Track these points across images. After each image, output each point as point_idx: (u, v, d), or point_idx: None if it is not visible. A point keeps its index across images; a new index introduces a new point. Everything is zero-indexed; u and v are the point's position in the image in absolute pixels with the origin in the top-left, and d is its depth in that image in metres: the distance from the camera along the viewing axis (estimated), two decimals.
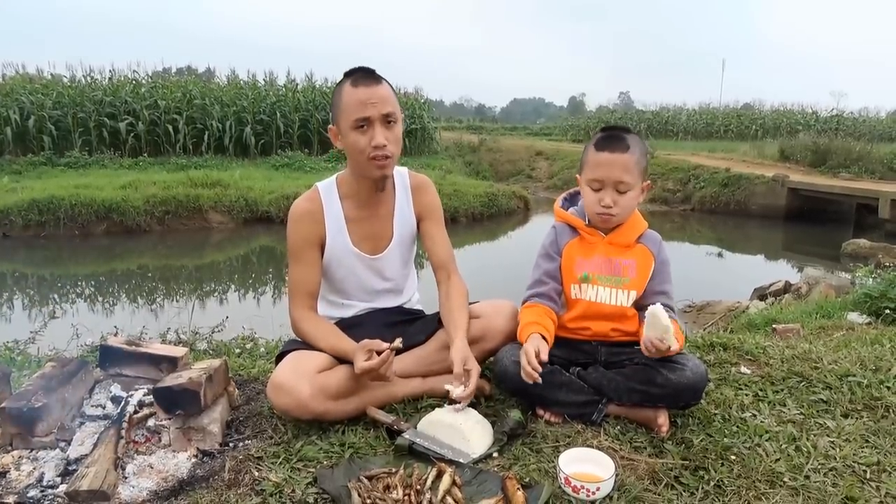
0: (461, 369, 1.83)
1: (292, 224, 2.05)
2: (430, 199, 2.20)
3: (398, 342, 1.83)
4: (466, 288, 2.14)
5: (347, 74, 1.96)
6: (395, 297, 2.22)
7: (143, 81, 17.66)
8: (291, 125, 17.44)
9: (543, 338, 1.87)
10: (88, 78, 17.45)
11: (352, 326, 2.11)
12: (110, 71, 17.86)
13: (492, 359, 2.06)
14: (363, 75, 1.93)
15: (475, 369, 1.85)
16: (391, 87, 1.98)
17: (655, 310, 1.74)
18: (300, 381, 1.78)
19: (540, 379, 1.76)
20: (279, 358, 1.97)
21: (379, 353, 1.81)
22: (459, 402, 1.82)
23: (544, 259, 2.05)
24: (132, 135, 15.82)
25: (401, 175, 2.16)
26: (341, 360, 1.94)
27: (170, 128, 16.11)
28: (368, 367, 1.78)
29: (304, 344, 2.03)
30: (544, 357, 1.78)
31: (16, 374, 2.29)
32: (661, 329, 1.73)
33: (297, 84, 19.20)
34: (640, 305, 1.98)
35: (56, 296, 7.50)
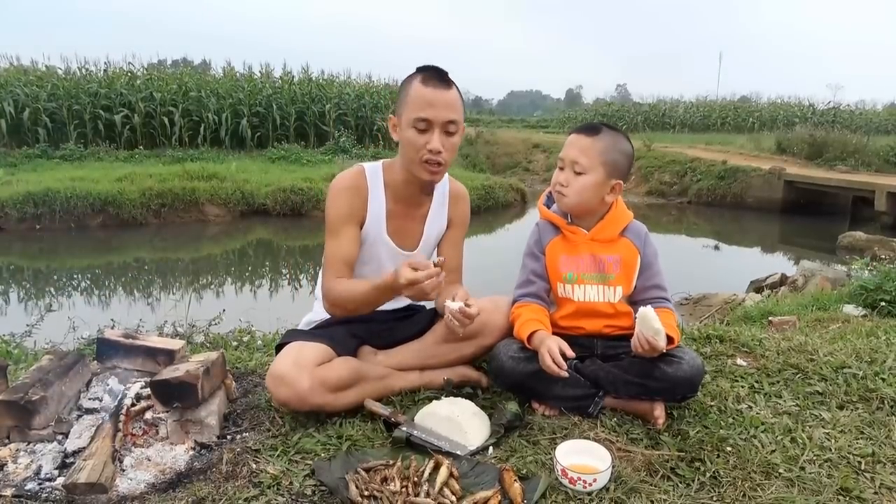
0: (465, 295, 1.89)
1: (336, 196, 1.98)
2: (464, 209, 2.19)
3: (441, 259, 1.80)
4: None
5: (420, 70, 1.92)
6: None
7: (139, 73, 17.54)
8: (288, 118, 17.36)
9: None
10: (83, 70, 17.31)
11: (358, 319, 2.08)
12: (105, 63, 17.73)
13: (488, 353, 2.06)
14: (436, 75, 1.88)
15: (476, 304, 1.87)
16: (460, 94, 1.95)
17: (646, 312, 1.75)
18: (300, 373, 1.77)
19: (566, 374, 1.77)
20: (278, 349, 1.97)
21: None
22: (451, 312, 1.83)
23: (530, 258, 2.05)
24: (128, 127, 15.74)
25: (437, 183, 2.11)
26: (337, 351, 1.93)
27: (165, 120, 16.03)
28: (414, 277, 1.69)
29: (303, 334, 2.03)
30: (570, 353, 1.79)
31: (13, 367, 2.29)
32: (652, 331, 1.74)
33: (293, 76, 19.11)
34: (634, 301, 1.99)
35: (52, 289, 7.49)
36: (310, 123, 17.62)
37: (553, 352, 1.77)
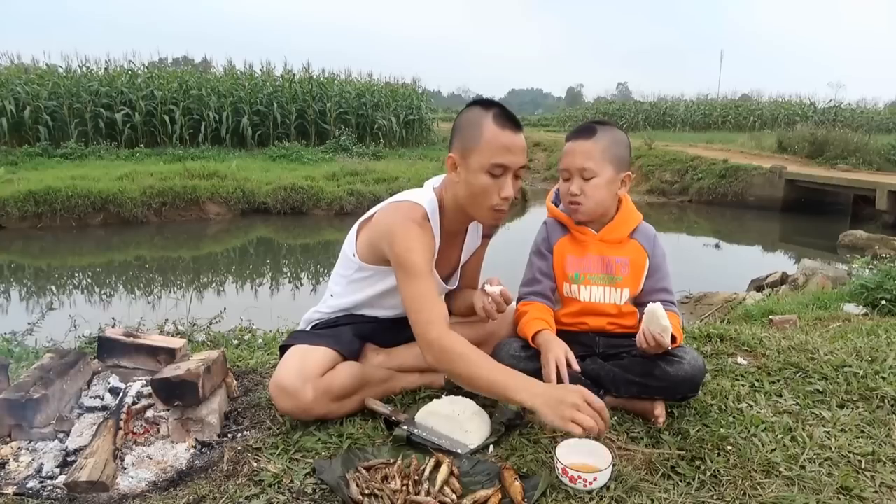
0: (499, 282, 1.92)
1: (420, 237, 1.83)
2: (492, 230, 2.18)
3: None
4: None
5: (484, 104, 1.84)
6: None
7: (139, 72, 17.57)
8: (288, 116, 17.38)
9: None
10: (84, 68, 17.34)
11: (364, 320, 2.09)
12: (106, 61, 17.80)
13: None
14: (508, 117, 1.81)
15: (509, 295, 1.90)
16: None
17: (655, 309, 1.74)
18: (305, 385, 1.75)
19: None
20: (282, 350, 1.96)
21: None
22: (490, 297, 1.89)
23: (537, 256, 2.05)
24: (128, 125, 15.77)
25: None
26: (342, 354, 1.92)
27: (166, 118, 16.05)
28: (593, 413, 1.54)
29: (308, 336, 2.01)
30: (575, 367, 1.77)
31: (14, 366, 2.29)
32: (660, 329, 1.73)
33: (294, 75, 19.11)
34: (640, 303, 1.98)
35: (53, 287, 7.50)
36: (310, 122, 17.64)
37: (560, 361, 1.76)
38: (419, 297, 1.78)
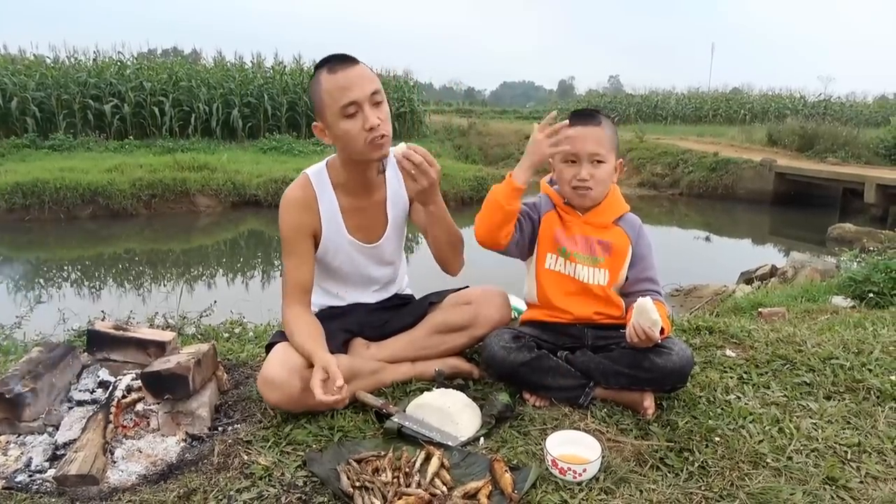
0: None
1: (285, 213, 1.96)
2: None
3: (344, 389, 1.73)
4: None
5: (320, 65, 1.85)
6: (390, 285, 2.21)
7: (129, 63, 17.36)
8: (279, 108, 17.26)
9: None
10: (72, 59, 17.11)
11: (343, 314, 2.10)
12: (94, 52, 17.53)
13: (480, 344, 2.06)
14: (338, 60, 1.83)
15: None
16: (368, 67, 1.89)
17: (644, 303, 1.76)
18: (291, 376, 1.76)
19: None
20: (268, 348, 1.96)
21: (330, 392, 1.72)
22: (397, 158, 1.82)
23: (526, 206, 2.04)
24: (117, 117, 15.60)
25: (388, 157, 2.05)
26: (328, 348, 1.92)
27: (156, 110, 15.89)
28: (325, 401, 1.70)
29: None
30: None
31: (2, 359, 2.28)
32: (650, 323, 1.75)
33: (284, 66, 18.97)
34: (627, 293, 2.00)
35: (42, 280, 7.45)
36: (301, 113, 17.52)
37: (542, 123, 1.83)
38: (284, 273, 1.98)
